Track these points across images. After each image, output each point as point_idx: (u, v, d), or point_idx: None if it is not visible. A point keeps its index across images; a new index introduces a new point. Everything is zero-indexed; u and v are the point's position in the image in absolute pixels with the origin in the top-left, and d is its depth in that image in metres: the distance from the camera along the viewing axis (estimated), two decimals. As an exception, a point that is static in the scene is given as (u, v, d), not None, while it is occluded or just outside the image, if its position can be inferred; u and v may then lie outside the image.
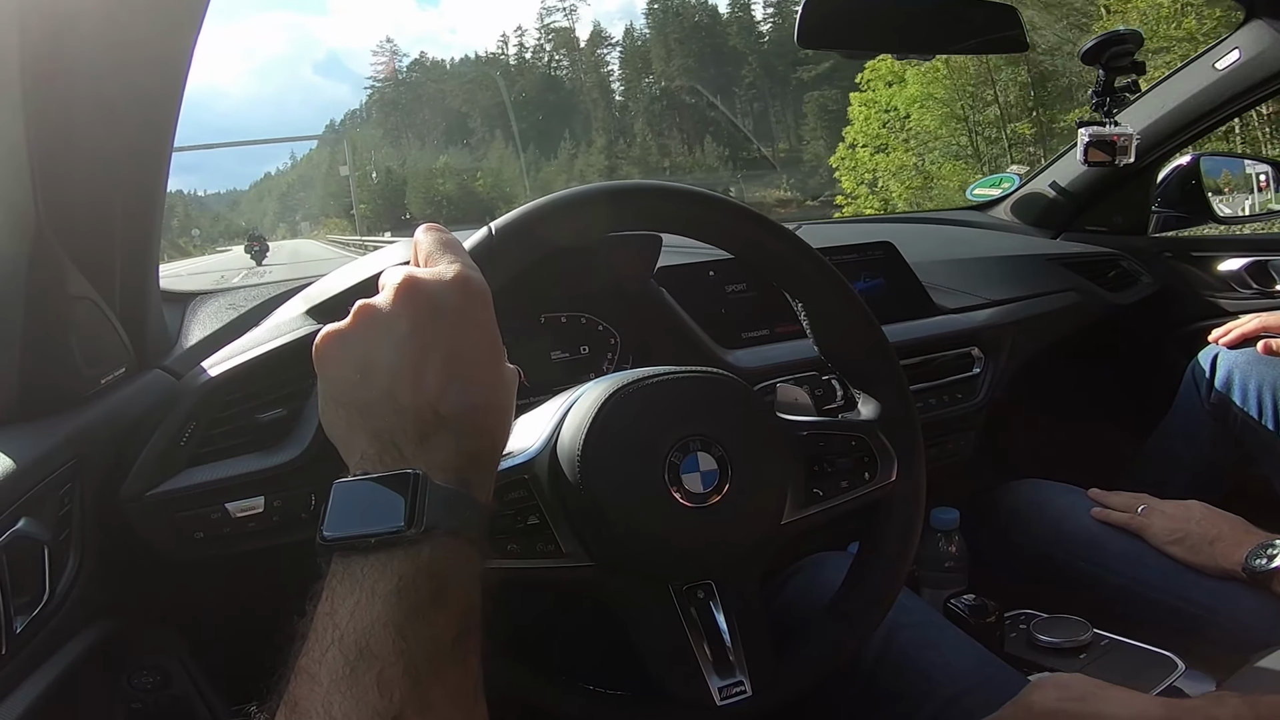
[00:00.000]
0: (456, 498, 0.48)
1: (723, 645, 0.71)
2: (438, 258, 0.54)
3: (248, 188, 69.27)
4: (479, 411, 0.51)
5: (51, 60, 0.70)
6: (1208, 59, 1.62)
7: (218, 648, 1.01)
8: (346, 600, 0.44)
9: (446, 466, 0.48)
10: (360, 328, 0.51)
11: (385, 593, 0.44)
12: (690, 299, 1.17)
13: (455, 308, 0.51)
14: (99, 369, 0.85)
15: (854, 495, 0.77)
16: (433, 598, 0.45)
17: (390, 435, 0.48)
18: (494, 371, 0.53)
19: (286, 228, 53.40)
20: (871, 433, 0.79)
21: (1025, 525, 1.28)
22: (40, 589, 0.74)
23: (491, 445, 0.52)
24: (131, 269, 0.87)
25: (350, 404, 0.50)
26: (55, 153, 0.73)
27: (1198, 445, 1.45)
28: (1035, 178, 1.99)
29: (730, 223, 0.77)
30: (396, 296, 0.50)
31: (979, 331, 1.39)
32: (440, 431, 0.49)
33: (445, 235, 0.56)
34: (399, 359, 0.49)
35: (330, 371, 0.51)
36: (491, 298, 0.53)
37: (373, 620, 0.43)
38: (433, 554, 0.46)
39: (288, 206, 60.29)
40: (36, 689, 0.73)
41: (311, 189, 55.43)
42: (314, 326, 0.98)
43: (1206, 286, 1.76)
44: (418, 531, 0.45)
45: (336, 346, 0.51)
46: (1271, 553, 1.02)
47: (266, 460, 0.91)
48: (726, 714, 0.70)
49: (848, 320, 0.81)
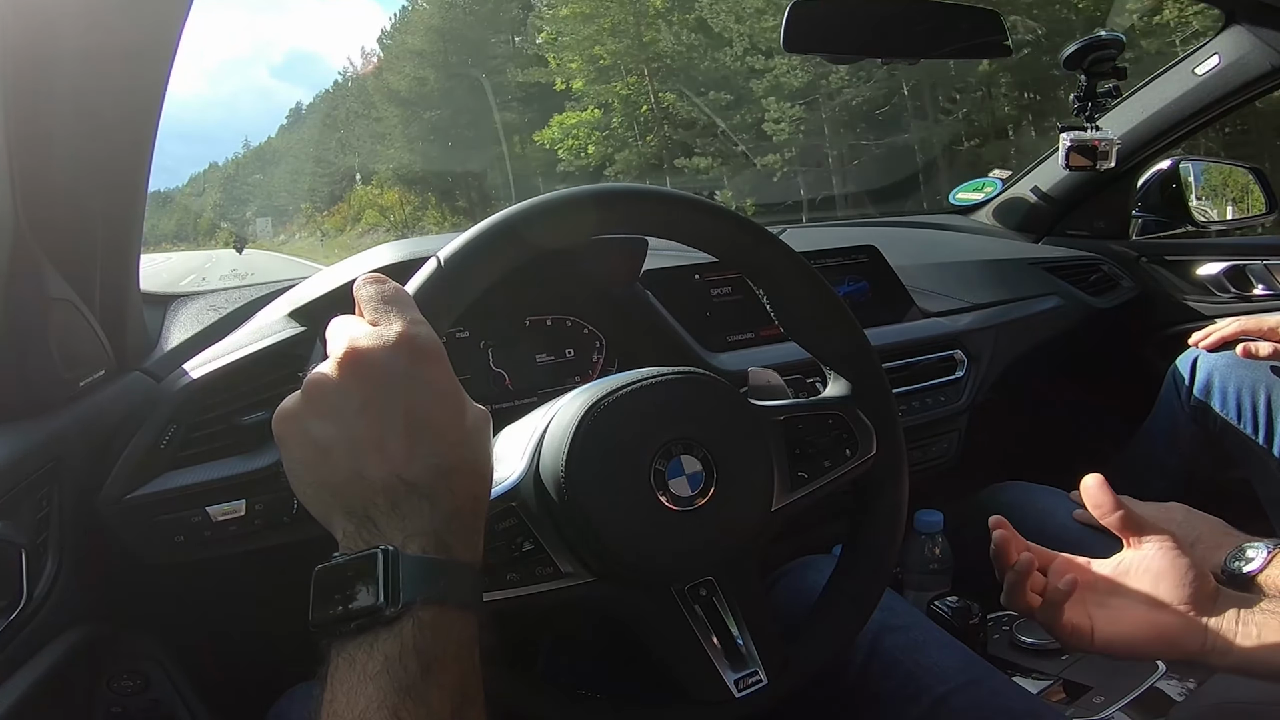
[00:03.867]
0: (434, 565, 0.47)
1: (732, 638, 0.71)
2: (379, 315, 0.52)
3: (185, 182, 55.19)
4: (449, 472, 0.49)
5: (32, 61, 0.69)
6: (1188, 64, 1.64)
7: (198, 651, 1.00)
8: (342, 686, 0.44)
9: (424, 532, 0.47)
10: (313, 406, 0.50)
11: (374, 674, 0.44)
12: (676, 302, 1.17)
13: (404, 372, 0.49)
14: (78, 371, 0.84)
15: (838, 473, 0.77)
16: (423, 673, 0.44)
17: (364, 510, 0.48)
18: (457, 427, 0.51)
19: (231, 228, 42.46)
20: (847, 408, 0.79)
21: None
22: (17, 592, 0.74)
23: (471, 500, 0.51)
24: (111, 271, 0.86)
25: (319, 484, 0.49)
26: (35, 153, 0.73)
27: (1178, 448, 1.46)
28: (1017, 182, 2.00)
29: (686, 215, 0.76)
30: (342, 369, 0.49)
31: (962, 335, 1.40)
32: (412, 499, 0.48)
33: (387, 288, 0.54)
34: (357, 435, 0.48)
35: (293, 453, 0.50)
36: (443, 351, 0.52)
37: (366, 704, 0.43)
38: (416, 628, 0.45)
39: (234, 198, 46.87)
40: (14, 693, 0.73)
41: (278, 167, 43.73)
42: (297, 329, 0.97)
43: (1186, 290, 1.78)
44: (395, 609, 0.45)
45: (294, 427, 0.50)
46: (1250, 555, 1.03)
47: (248, 463, 0.91)
48: (746, 705, 0.70)
49: (809, 298, 0.80)
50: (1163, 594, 0.82)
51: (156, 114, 0.81)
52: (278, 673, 0.82)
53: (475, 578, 0.49)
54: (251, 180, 45.97)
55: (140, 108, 0.79)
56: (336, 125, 34.32)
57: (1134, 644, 0.81)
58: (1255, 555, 1.02)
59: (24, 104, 0.69)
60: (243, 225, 41.42)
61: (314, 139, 38.39)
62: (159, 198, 45.50)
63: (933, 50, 1.34)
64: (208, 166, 51.80)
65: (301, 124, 42.26)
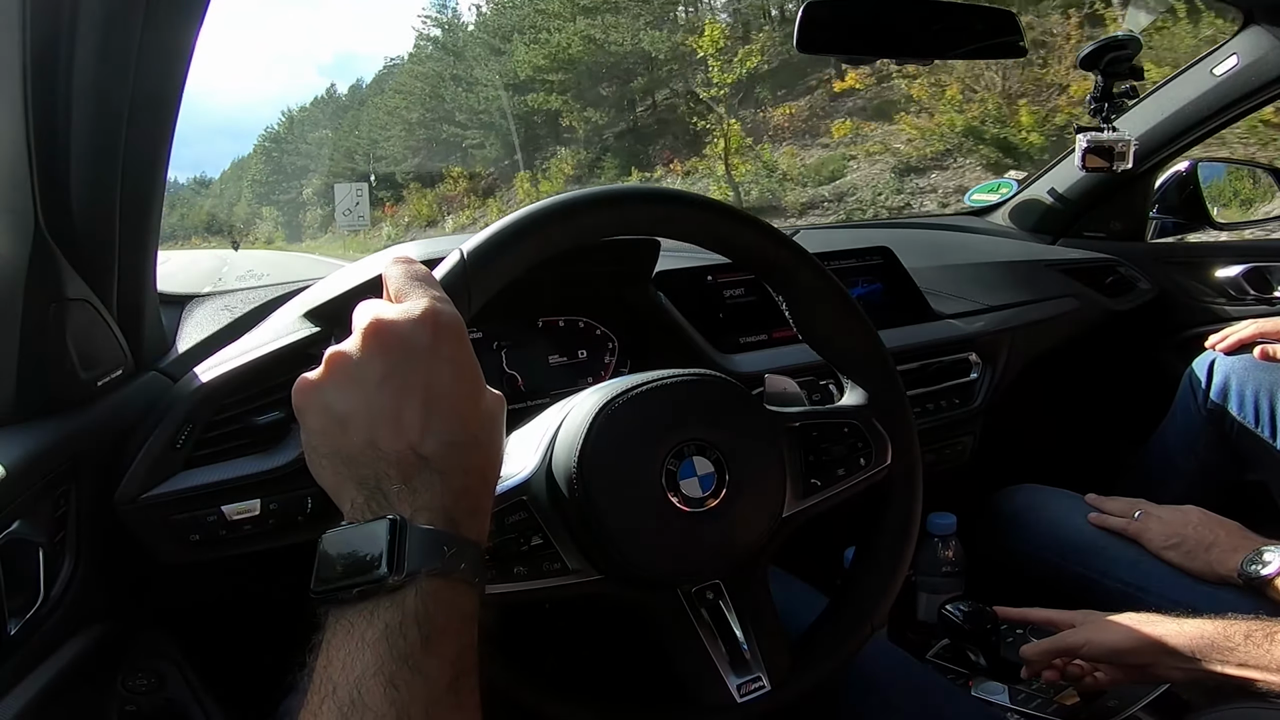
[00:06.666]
0: (441, 539, 0.47)
1: (737, 643, 0.71)
2: (407, 292, 0.53)
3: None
4: (462, 449, 0.50)
5: (51, 62, 0.70)
6: (1206, 65, 1.62)
7: (212, 650, 1.01)
8: (339, 652, 0.44)
9: (433, 507, 0.48)
10: (334, 377, 0.50)
11: (374, 641, 0.44)
12: (688, 303, 1.17)
13: (427, 347, 0.50)
14: (96, 371, 0.85)
15: (852, 482, 0.77)
16: (423, 643, 0.45)
17: (376, 481, 0.48)
18: (474, 406, 0.52)
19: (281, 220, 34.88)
20: (863, 417, 0.79)
21: (1022, 530, 1.28)
22: (35, 591, 0.74)
23: (480, 480, 0.52)
24: (129, 272, 0.87)
25: (334, 454, 0.50)
26: (54, 155, 0.73)
27: (1195, 451, 1.45)
28: (1033, 183, 1.99)
29: (705, 218, 0.76)
30: (366, 341, 0.50)
31: (976, 337, 1.39)
32: (424, 473, 0.48)
33: (415, 268, 0.55)
34: (375, 406, 0.49)
35: (310, 424, 0.51)
36: (465, 329, 0.53)
37: (363, 670, 0.43)
38: (419, 599, 0.45)
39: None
40: (31, 692, 0.73)
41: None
42: (312, 330, 0.98)
43: (1204, 293, 1.76)
44: (399, 578, 0.45)
45: (313, 398, 0.51)
46: (1267, 558, 1.02)
47: (263, 463, 0.91)
48: (748, 711, 0.70)
49: (825, 303, 0.80)
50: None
51: (174, 115, 0.82)
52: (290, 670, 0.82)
53: (479, 555, 0.50)
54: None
55: (159, 112, 0.80)
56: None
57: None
58: (1272, 558, 1.02)
59: (44, 106, 0.70)
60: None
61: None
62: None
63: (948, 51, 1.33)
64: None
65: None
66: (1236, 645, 0.85)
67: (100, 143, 0.76)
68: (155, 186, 0.85)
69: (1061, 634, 0.98)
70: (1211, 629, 0.88)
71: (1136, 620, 0.94)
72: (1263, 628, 0.86)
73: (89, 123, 0.74)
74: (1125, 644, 0.92)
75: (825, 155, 14.53)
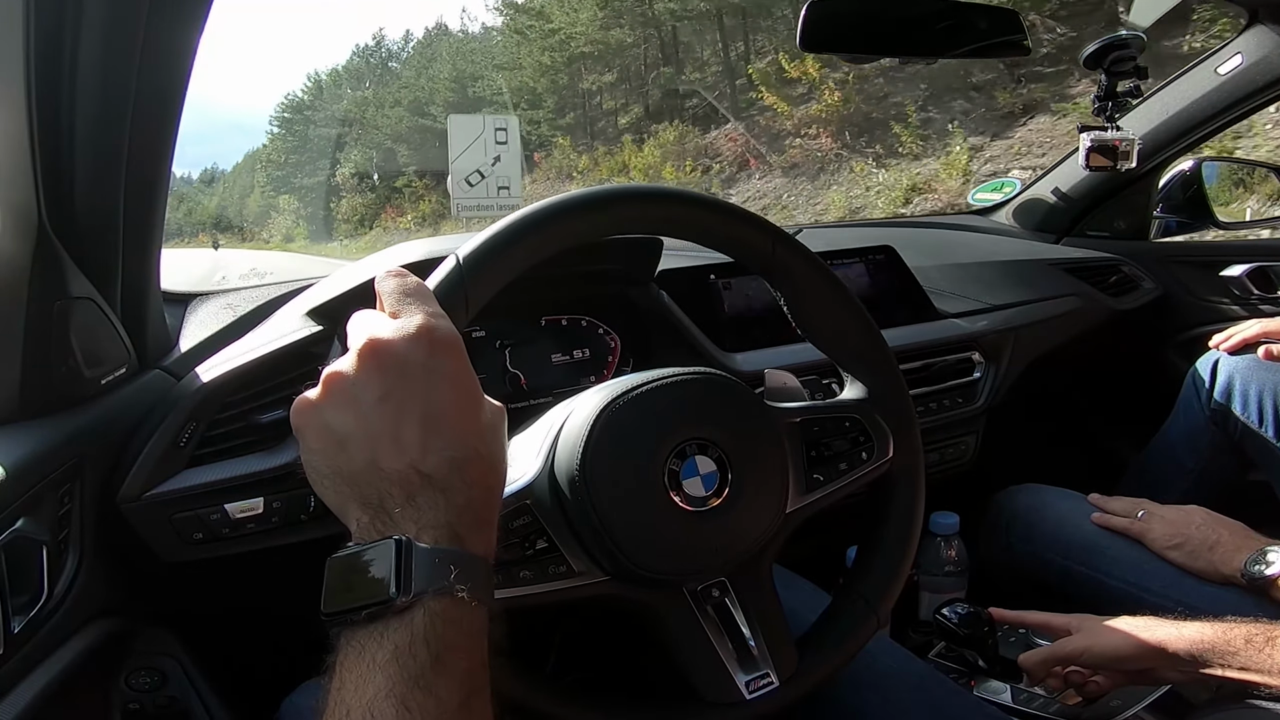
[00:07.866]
0: (446, 557, 0.47)
1: (744, 640, 0.71)
2: (401, 307, 0.53)
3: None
4: (463, 464, 0.50)
5: (55, 61, 0.70)
6: (1210, 64, 1.62)
7: (215, 648, 1.01)
8: (351, 674, 0.44)
9: (438, 525, 0.48)
10: (332, 397, 0.50)
11: (384, 663, 0.44)
12: (691, 302, 1.17)
13: (423, 364, 0.50)
14: (100, 369, 0.85)
15: (854, 476, 0.77)
16: (433, 663, 0.44)
17: (379, 501, 0.48)
18: (473, 420, 0.52)
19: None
20: (864, 411, 0.79)
21: (1025, 530, 1.28)
22: (39, 589, 0.74)
23: (484, 493, 0.51)
24: (133, 270, 0.87)
25: (335, 474, 0.50)
26: (58, 153, 0.73)
27: (1198, 450, 1.45)
28: (1037, 182, 1.99)
29: (702, 216, 0.76)
30: (362, 360, 0.50)
31: (979, 336, 1.39)
32: (426, 491, 0.48)
33: (408, 281, 0.55)
34: (374, 425, 0.49)
35: (310, 443, 0.51)
36: (462, 343, 0.52)
37: (375, 693, 0.43)
38: (427, 619, 0.45)
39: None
40: (34, 689, 0.74)
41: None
42: (315, 328, 0.98)
43: (1208, 292, 1.76)
44: (406, 598, 0.45)
45: (312, 418, 0.51)
46: (1271, 558, 1.02)
47: (266, 461, 0.92)
48: (757, 707, 0.70)
49: (826, 300, 0.80)
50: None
51: (178, 112, 0.82)
52: (292, 668, 0.82)
53: (487, 570, 0.50)
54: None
55: (162, 109, 0.80)
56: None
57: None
58: (1276, 558, 1.02)
59: (47, 104, 0.70)
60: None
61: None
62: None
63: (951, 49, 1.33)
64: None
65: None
66: (1237, 649, 0.85)
67: (104, 140, 0.76)
68: (159, 184, 0.85)
69: (1060, 641, 0.98)
70: (1211, 632, 0.88)
71: (1135, 625, 0.94)
72: (1263, 631, 0.86)
73: (92, 120, 0.74)
74: (1124, 650, 0.92)
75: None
